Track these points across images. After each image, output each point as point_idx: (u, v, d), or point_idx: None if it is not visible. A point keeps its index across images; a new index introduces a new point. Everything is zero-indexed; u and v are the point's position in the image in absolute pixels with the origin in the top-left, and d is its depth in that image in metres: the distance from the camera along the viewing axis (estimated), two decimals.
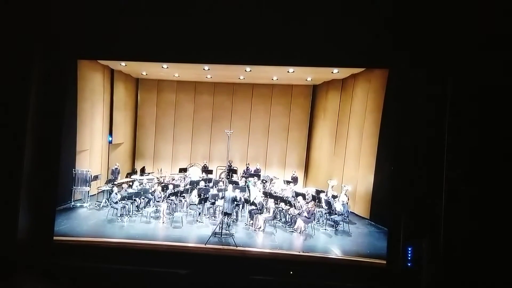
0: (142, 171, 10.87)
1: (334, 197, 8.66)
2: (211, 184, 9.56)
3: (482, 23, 5.00)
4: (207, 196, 8.52)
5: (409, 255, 5.55)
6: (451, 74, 5.23)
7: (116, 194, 8.28)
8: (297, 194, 8.67)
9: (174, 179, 10.04)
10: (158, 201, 8.48)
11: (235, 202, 8.09)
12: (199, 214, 8.37)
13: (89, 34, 6.02)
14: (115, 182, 9.51)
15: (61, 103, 6.47)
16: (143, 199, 8.59)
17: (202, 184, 9.42)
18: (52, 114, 6.28)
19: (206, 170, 10.62)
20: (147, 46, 6.10)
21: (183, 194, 8.83)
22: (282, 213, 8.29)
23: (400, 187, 5.73)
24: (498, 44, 4.94)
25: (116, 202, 8.14)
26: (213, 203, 8.44)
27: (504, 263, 4.78)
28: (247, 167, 10.92)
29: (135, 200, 8.48)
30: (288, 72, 9.30)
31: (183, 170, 10.87)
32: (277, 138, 11.63)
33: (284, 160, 11.66)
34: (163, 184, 9.27)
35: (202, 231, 7.63)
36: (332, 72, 9.31)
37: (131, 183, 9.21)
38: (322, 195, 8.65)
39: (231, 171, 10.11)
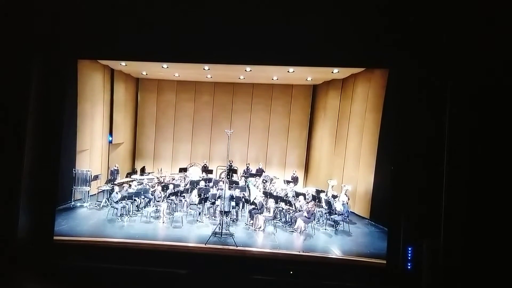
0: (142, 171, 10.88)
1: (334, 197, 8.65)
2: (211, 184, 9.56)
3: (482, 23, 5.00)
4: (207, 196, 8.52)
5: (409, 255, 5.56)
6: (451, 74, 5.23)
7: (117, 193, 8.29)
8: (298, 194, 8.68)
9: (174, 179, 10.04)
10: (158, 201, 8.48)
11: (233, 200, 8.10)
12: (199, 214, 8.37)
13: (89, 34, 6.03)
14: (115, 182, 9.51)
15: (61, 103, 6.47)
16: (143, 199, 8.59)
17: (202, 184, 9.42)
18: (52, 114, 6.29)
19: (206, 170, 10.62)
20: (147, 46, 6.10)
21: (183, 194, 8.82)
22: (282, 213, 8.29)
23: (400, 187, 5.74)
24: (498, 44, 4.94)
25: (117, 202, 8.14)
26: (213, 203, 8.44)
27: (505, 264, 4.78)
28: (247, 167, 10.92)
29: (135, 200, 8.48)
30: (288, 72, 9.30)
31: (183, 170, 10.86)
32: (277, 138, 11.62)
33: (284, 160, 11.66)
34: (163, 184, 9.27)
35: (202, 231, 7.63)
36: (332, 72, 9.31)
37: (131, 183, 9.21)
38: (322, 195, 8.65)
39: (231, 171, 10.12)
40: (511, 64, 4.89)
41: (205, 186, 9.37)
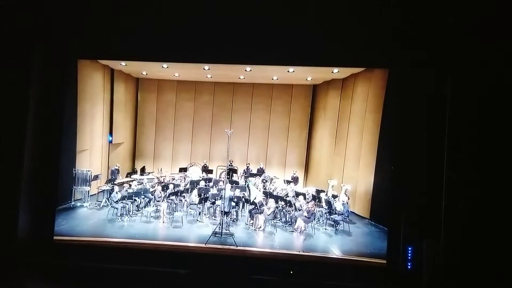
0: (142, 170, 10.88)
1: (334, 196, 8.65)
2: (211, 184, 9.56)
3: (483, 23, 5.00)
4: (207, 195, 8.52)
5: (409, 255, 5.57)
6: (451, 74, 5.24)
7: (117, 193, 8.29)
8: (298, 194, 8.68)
9: (174, 179, 10.04)
10: (158, 201, 8.48)
11: (233, 201, 8.10)
12: (199, 213, 8.37)
13: (89, 34, 6.03)
14: (115, 182, 9.51)
15: (61, 103, 6.48)
16: (143, 198, 8.59)
17: (202, 183, 9.42)
18: (52, 114, 6.30)
19: (206, 169, 10.62)
20: (147, 46, 6.10)
21: (183, 194, 8.83)
22: (282, 213, 8.29)
23: (400, 187, 5.74)
24: (499, 44, 4.94)
25: (117, 202, 8.14)
26: (213, 203, 8.44)
27: (504, 264, 4.78)
28: (247, 166, 10.93)
29: (135, 199, 8.48)
30: (288, 72, 9.30)
31: (183, 170, 10.87)
32: (277, 138, 11.62)
33: (284, 160, 11.66)
34: (163, 183, 9.27)
35: (202, 231, 7.62)
36: (332, 72, 9.30)
37: (131, 183, 9.20)
38: (322, 195, 8.65)
39: (231, 170, 10.12)
40: (511, 63, 4.89)
41: (205, 186, 9.37)
